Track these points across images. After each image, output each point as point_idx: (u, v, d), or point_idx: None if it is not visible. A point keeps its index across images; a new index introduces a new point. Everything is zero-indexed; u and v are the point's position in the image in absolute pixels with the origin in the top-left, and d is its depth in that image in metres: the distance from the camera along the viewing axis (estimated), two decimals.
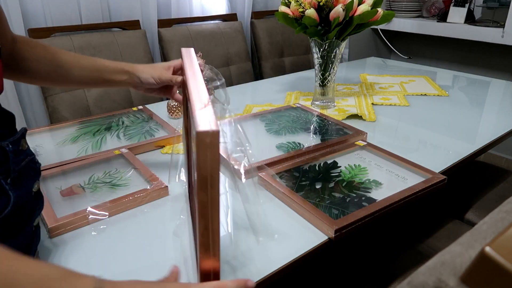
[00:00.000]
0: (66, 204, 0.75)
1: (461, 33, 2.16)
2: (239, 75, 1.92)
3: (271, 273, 0.61)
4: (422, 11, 2.47)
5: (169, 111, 1.20)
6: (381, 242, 1.00)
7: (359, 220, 0.70)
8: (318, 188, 0.81)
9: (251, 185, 0.79)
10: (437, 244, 0.99)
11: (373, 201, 0.76)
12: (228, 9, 2.05)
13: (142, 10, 1.74)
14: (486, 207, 1.17)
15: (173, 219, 0.73)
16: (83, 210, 0.72)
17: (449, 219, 1.11)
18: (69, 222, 0.69)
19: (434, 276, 0.34)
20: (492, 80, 1.64)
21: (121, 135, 1.05)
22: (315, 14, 1.11)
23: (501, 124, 1.16)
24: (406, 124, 1.18)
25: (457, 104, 1.34)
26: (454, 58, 2.45)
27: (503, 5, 2.08)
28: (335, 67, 1.24)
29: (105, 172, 0.86)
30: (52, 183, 0.82)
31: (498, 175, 1.36)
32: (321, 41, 1.18)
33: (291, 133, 1.06)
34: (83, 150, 0.97)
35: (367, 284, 0.88)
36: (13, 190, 0.51)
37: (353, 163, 0.91)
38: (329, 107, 1.29)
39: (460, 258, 0.35)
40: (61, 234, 0.69)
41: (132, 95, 1.58)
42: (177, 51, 1.71)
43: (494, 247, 0.31)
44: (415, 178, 0.85)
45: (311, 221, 0.72)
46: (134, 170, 0.87)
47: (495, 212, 0.41)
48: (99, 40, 1.53)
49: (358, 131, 1.06)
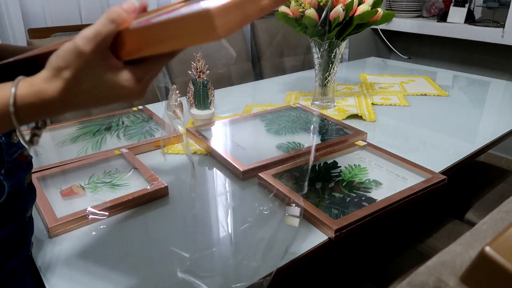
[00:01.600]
0: (66, 204, 0.75)
1: (461, 33, 2.16)
2: (239, 75, 1.92)
3: (271, 273, 0.61)
4: (422, 11, 2.47)
5: (169, 111, 1.20)
6: (381, 242, 1.00)
7: (359, 220, 0.70)
8: (318, 188, 0.81)
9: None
10: (437, 244, 0.99)
11: (373, 201, 0.76)
12: None
13: None
14: (486, 207, 1.17)
15: (174, 222, 0.73)
16: (83, 210, 0.72)
17: (449, 219, 1.11)
18: (69, 222, 0.69)
19: (434, 276, 0.34)
20: (492, 80, 1.64)
21: (121, 135, 1.05)
22: (316, 14, 1.11)
23: (501, 124, 1.16)
24: (406, 124, 1.18)
25: (457, 104, 1.34)
26: (454, 58, 2.45)
27: (503, 5, 2.07)
28: (335, 67, 1.24)
29: (105, 172, 0.86)
30: (52, 183, 0.82)
31: (498, 175, 1.36)
32: (321, 41, 1.18)
33: (291, 133, 1.06)
34: (83, 150, 0.97)
35: (367, 284, 0.88)
36: (7, 180, 0.52)
37: (353, 163, 0.91)
38: (329, 107, 1.29)
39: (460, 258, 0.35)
40: (61, 234, 0.69)
41: None
42: None
43: (494, 247, 0.31)
44: (415, 178, 0.85)
45: (311, 221, 0.72)
46: (134, 170, 0.87)
47: (495, 212, 0.42)
48: None
49: (358, 131, 1.06)
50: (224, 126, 1.12)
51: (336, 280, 0.90)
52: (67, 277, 0.60)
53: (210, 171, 0.91)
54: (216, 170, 0.91)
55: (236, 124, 1.13)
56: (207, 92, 1.10)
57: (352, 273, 0.91)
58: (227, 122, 1.14)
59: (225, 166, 0.92)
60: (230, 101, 1.38)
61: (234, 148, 0.98)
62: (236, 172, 0.87)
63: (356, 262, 0.94)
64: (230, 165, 0.89)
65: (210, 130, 1.08)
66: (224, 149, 0.96)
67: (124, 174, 0.86)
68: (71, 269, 0.62)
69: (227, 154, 0.93)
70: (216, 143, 1.00)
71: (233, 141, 1.02)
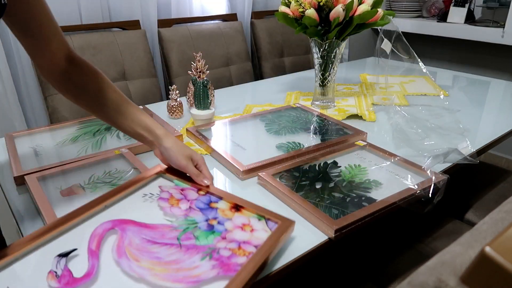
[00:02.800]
0: (66, 204, 0.75)
1: (461, 33, 2.16)
2: (239, 75, 1.92)
3: (271, 273, 0.61)
4: (422, 11, 2.47)
5: (169, 111, 1.20)
6: (381, 242, 1.00)
7: (359, 220, 0.70)
8: (318, 188, 0.81)
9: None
10: (437, 244, 0.99)
11: (373, 201, 0.76)
12: (228, 9, 2.05)
13: (142, 10, 1.74)
14: (486, 207, 1.17)
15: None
16: None
17: (449, 219, 1.11)
18: None
19: (434, 276, 0.34)
20: (492, 80, 1.64)
21: (121, 135, 1.05)
22: (315, 14, 1.11)
23: (501, 124, 1.16)
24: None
25: (457, 104, 1.34)
26: (454, 58, 2.45)
27: (503, 5, 2.07)
28: (335, 67, 1.24)
29: (105, 172, 0.86)
30: (52, 183, 0.82)
31: (498, 175, 1.36)
32: (321, 41, 1.18)
33: (291, 133, 1.06)
34: (83, 150, 0.97)
35: (367, 284, 0.88)
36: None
37: (353, 163, 0.91)
38: (329, 107, 1.29)
39: (460, 258, 0.35)
40: None
41: (132, 95, 1.58)
42: (177, 51, 1.71)
43: (494, 247, 0.31)
44: (415, 178, 0.85)
45: (311, 221, 0.72)
46: (134, 170, 0.87)
47: (495, 212, 0.42)
48: (99, 40, 1.53)
49: (358, 131, 1.06)
50: (224, 126, 1.12)
51: (336, 280, 0.90)
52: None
53: (210, 171, 0.91)
54: (216, 170, 0.91)
55: (236, 124, 1.13)
56: (207, 92, 1.10)
57: (352, 273, 0.91)
58: (227, 122, 1.14)
59: (225, 166, 0.92)
60: (230, 101, 1.38)
61: (234, 148, 0.98)
62: (236, 172, 0.87)
63: (356, 262, 0.94)
64: (230, 165, 0.89)
65: (210, 130, 1.08)
66: (224, 149, 0.96)
67: (124, 174, 0.86)
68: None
69: (227, 154, 0.93)
70: (216, 143, 1.00)
71: (233, 141, 1.02)
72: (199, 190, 0.76)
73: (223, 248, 0.61)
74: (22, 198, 0.80)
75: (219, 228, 0.65)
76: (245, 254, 0.59)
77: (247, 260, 0.57)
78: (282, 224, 0.64)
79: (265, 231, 0.64)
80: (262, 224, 0.66)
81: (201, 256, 0.59)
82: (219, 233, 0.64)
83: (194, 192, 0.75)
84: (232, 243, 0.62)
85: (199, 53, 1.12)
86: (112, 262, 0.57)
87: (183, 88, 1.54)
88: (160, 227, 0.65)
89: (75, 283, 0.53)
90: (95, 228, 0.64)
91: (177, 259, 0.58)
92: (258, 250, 0.59)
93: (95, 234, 0.63)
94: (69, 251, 0.59)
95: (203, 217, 0.68)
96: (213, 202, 0.72)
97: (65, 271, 0.55)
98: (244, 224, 0.66)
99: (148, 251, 0.60)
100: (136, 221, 0.67)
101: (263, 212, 0.68)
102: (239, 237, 0.63)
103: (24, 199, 0.80)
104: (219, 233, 0.64)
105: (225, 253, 0.60)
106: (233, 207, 0.70)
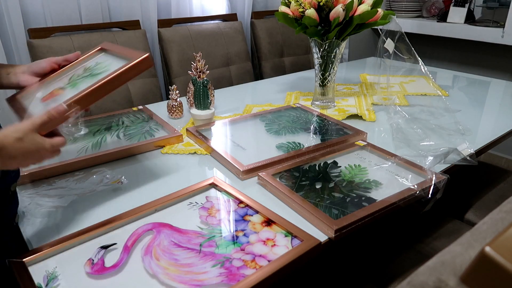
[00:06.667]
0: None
1: (461, 33, 2.15)
2: (239, 75, 1.92)
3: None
4: (422, 11, 2.47)
5: (169, 111, 1.20)
6: (381, 242, 1.00)
7: (359, 220, 0.70)
8: (318, 188, 0.81)
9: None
10: (437, 244, 0.99)
11: (373, 201, 0.76)
12: (228, 9, 2.05)
13: (142, 10, 1.74)
14: (486, 207, 1.17)
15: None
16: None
17: (449, 219, 1.11)
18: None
19: (434, 276, 0.34)
20: (492, 80, 1.64)
21: (121, 135, 1.05)
22: (315, 14, 1.11)
23: (501, 124, 1.16)
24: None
25: (457, 104, 1.34)
26: (454, 58, 2.45)
27: (503, 5, 2.07)
28: (335, 67, 1.24)
29: (85, 69, 0.82)
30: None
31: (498, 175, 1.36)
32: (321, 41, 1.18)
33: (291, 133, 1.06)
34: (83, 150, 0.97)
35: (367, 284, 0.88)
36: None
37: (353, 163, 0.91)
38: (329, 107, 1.29)
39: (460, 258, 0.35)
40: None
41: (132, 95, 1.58)
42: (177, 51, 1.71)
43: (494, 247, 0.31)
44: (415, 178, 0.85)
45: (311, 221, 0.72)
46: (106, 52, 0.86)
47: (495, 212, 0.41)
48: (99, 40, 1.53)
49: (358, 131, 1.06)
50: (224, 126, 1.12)
51: (337, 280, 0.90)
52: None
53: (210, 171, 0.91)
54: (216, 170, 0.91)
55: (236, 124, 1.13)
56: (207, 92, 1.10)
57: (352, 273, 0.91)
58: (227, 122, 1.14)
59: (225, 166, 0.92)
60: (230, 101, 1.38)
61: (234, 148, 0.98)
62: (236, 172, 0.87)
63: (356, 262, 0.94)
64: (230, 165, 0.89)
65: (210, 130, 1.08)
66: (224, 149, 0.96)
67: (103, 64, 0.81)
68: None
69: (227, 154, 0.93)
70: (216, 143, 1.00)
71: (233, 141, 1.02)
72: (240, 202, 0.77)
73: (237, 259, 0.62)
74: (22, 198, 0.80)
75: (242, 240, 0.67)
76: (255, 267, 0.60)
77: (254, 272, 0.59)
78: (304, 242, 0.65)
79: (286, 248, 0.65)
80: (286, 241, 0.67)
81: (213, 263, 0.61)
82: (240, 245, 0.65)
83: (235, 204, 0.77)
84: (248, 255, 0.63)
85: (199, 53, 1.11)
86: (139, 258, 0.63)
87: (183, 88, 1.54)
88: (190, 233, 0.68)
89: (103, 271, 0.60)
90: (137, 228, 0.69)
91: (192, 263, 0.61)
92: (268, 264, 0.60)
93: (135, 233, 0.68)
94: (109, 244, 0.66)
95: (232, 228, 0.70)
96: (249, 215, 0.73)
97: (100, 260, 0.62)
98: (268, 239, 0.67)
99: (170, 253, 0.63)
100: (173, 225, 0.70)
101: (292, 229, 0.68)
102: (257, 251, 0.64)
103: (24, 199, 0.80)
104: (240, 245, 0.65)
105: (237, 263, 0.61)
106: (265, 221, 0.71)
